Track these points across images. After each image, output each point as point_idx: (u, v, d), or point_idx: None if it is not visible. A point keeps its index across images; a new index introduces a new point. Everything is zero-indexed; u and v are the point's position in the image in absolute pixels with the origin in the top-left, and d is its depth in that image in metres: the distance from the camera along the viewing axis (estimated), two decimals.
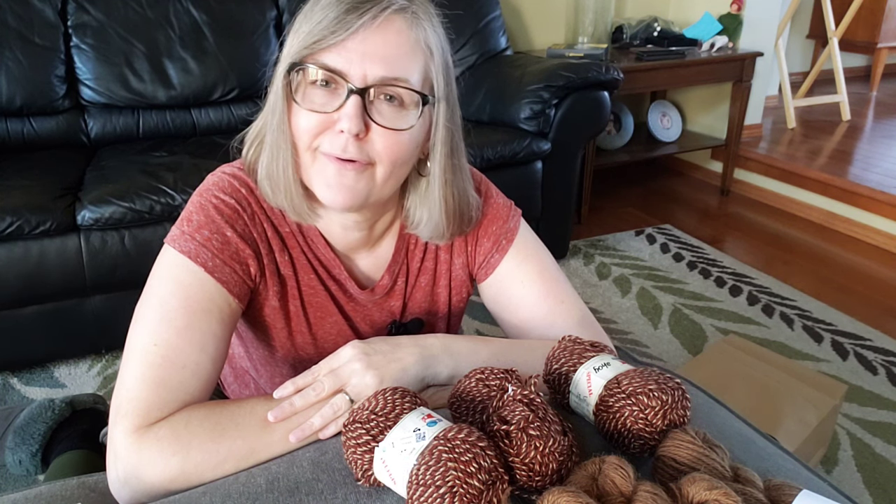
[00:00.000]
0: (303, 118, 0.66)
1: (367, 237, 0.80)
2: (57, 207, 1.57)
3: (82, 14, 2.01)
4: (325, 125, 0.66)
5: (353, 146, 0.66)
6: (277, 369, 0.86)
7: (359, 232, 0.78)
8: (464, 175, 0.78)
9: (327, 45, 0.63)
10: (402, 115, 0.67)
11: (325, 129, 0.66)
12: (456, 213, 0.77)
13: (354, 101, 0.64)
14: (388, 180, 0.70)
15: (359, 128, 0.64)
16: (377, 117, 0.66)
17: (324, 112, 0.65)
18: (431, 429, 0.52)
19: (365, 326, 0.85)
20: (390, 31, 0.64)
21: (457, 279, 0.87)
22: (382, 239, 0.82)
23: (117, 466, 0.61)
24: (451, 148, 0.74)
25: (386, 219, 0.80)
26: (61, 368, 1.76)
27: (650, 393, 0.57)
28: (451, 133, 0.73)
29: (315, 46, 0.64)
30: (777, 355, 1.49)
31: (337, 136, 0.65)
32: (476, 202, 0.82)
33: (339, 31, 0.63)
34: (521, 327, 0.83)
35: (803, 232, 2.70)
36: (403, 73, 0.65)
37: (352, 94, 0.64)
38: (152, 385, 0.63)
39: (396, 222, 0.82)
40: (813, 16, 4.34)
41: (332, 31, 0.63)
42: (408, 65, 0.66)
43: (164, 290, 0.68)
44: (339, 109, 0.65)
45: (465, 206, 0.79)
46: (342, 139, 0.65)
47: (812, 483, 0.60)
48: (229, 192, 0.73)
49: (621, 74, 2.16)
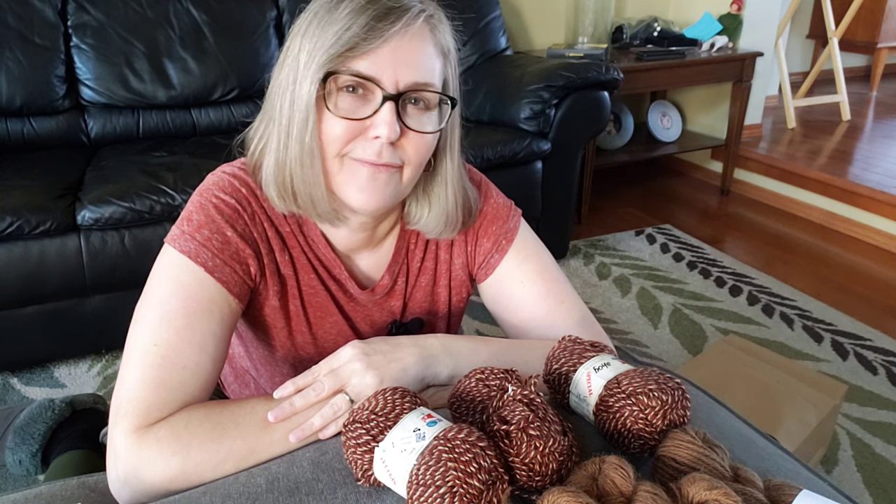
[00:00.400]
0: (336, 126, 0.66)
1: (370, 237, 0.80)
2: (57, 207, 1.57)
3: (82, 14, 2.01)
4: (357, 132, 0.66)
5: (388, 151, 0.67)
6: (277, 369, 0.86)
7: (364, 233, 0.78)
8: (461, 170, 0.80)
9: (360, 52, 0.64)
10: (428, 117, 0.69)
11: (357, 136, 0.67)
12: (466, 207, 0.80)
13: (389, 107, 0.65)
14: (412, 181, 0.72)
15: (396, 133, 0.65)
16: (409, 122, 0.67)
17: (357, 119, 0.66)
18: (431, 429, 0.52)
19: (365, 326, 0.85)
20: (417, 37, 0.66)
21: (457, 279, 0.87)
22: (384, 239, 0.82)
23: (117, 466, 0.61)
24: (458, 148, 0.76)
25: (390, 219, 0.80)
26: (61, 368, 1.76)
27: (650, 393, 0.57)
28: (459, 133, 0.76)
29: (348, 54, 0.64)
30: (777, 355, 1.49)
31: (371, 142, 0.66)
32: (474, 194, 0.84)
33: (371, 38, 0.63)
34: (521, 327, 0.83)
35: (803, 232, 2.70)
36: (430, 78, 0.67)
37: (386, 101, 0.65)
38: (152, 385, 0.63)
39: (398, 222, 0.82)
40: (813, 16, 4.34)
41: (364, 38, 0.63)
42: (433, 69, 0.68)
43: (165, 289, 0.68)
44: (373, 116, 0.65)
45: (470, 200, 0.81)
46: (377, 145, 0.66)
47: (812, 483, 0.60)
48: (230, 192, 0.73)
49: (621, 74, 2.16)
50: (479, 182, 0.86)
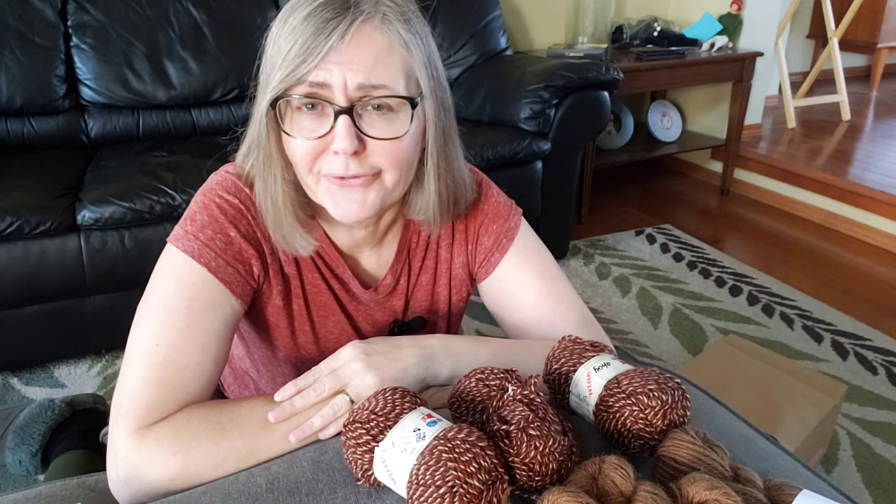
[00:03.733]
0: (297, 146, 0.66)
1: (372, 234, 0.79)
2: (57, 207, 1.57)
3: (82, 14, 2.01)
4: (321, 148, 0.65)
5: (354, 163, 0.65)
6: (279, 369, 0.86)
7: (364, 230, 0.78)
8: (457, 159, 0.77)
9: (306, 70, 0.62)
10: (394, 121, 0.66)
11: (322, 152, 0.66)
12: (450, 202, 0.77)
13: (343, 121, 0.63)
14: (398, 184, 0.69)
15: (353, 146, 0.63)
16: (370, 130, 0.65)
17: (316, 138, 0.64)
18: (431, 429, 0.52)
19: (367, 326, 0.85)
20: (362, 40, 0.62)
21: (456, 278, 0.87)
22: (386, 237, 0.82)
23: (117, 466, 0.61)
24: (444, 140, 0.73)
25: (390, 214, 0.79)
26: (61, 368, 1.76)
27: (650, 393, 0.57)
28: (442, 124, 0.72)
29: (291, 78, 0.62)
30: (777, 355, 1.49)
31: (335, 156, 0.65)
32: (470, 179, 0.81)
33: (310, 57, 0.61)
34: (520, 327, 0.83)
35: (803, 232, 2.70)
36: (383, 80, 0.63)
37: (339, 115, 0.63)
38: (153, 385, 0.63)
39: (400, 218, 0.82)
40: (813, 16, 4.34)
41: (304, 58, 0.61)
42: (386, 70, 0.64)
43: (167, 289, 0.68)
44: (331, 132, 0.64)
45: (461, 191, 0.79)
46: (341, 159, 0.65)
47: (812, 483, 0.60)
48: (233, 192, 0.73)
49: (621, 74, 2.16)
50: (479, 181, 0.86)
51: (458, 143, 0.77)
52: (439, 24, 2.44)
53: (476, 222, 0.84)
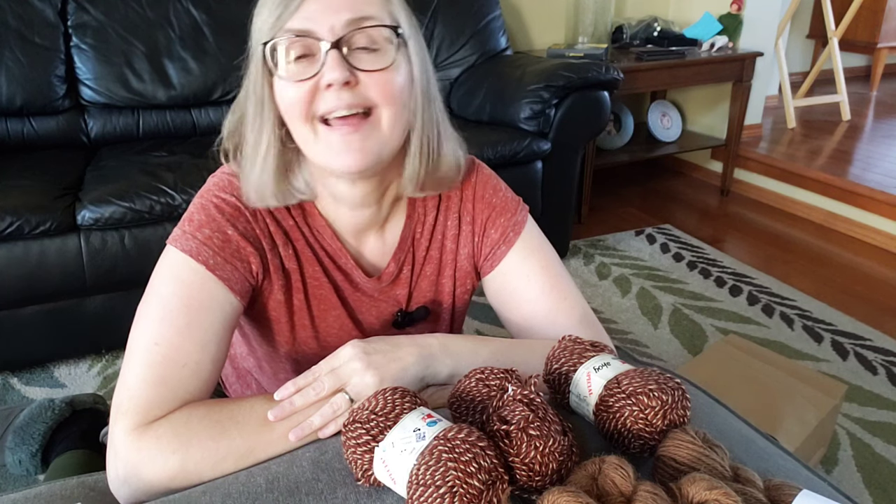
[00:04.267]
0: (290, 90, 0.66)
1: (375, 215, 0.79)
2: (57, 207, 1.57)
3: (82, 14, 2.01)
4: (313, 90, 0.66)
5: (348, 93, 0.65)
6: (281, 366, 0.87)
7: (367, 209, 0.77)
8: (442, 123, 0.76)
9: (289, 14, 0.64)
10: (381, 55, 0.67)
11: (315, 95, 0.66)
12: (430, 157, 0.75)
13: (333, 55, 0.64)
14: (395, 125, 0.69)
15: (344, 75, 0.64)
16: (360, 64, 0.66)
17: (308, 78, 0.65)
18: (431, 429, 0.52)
19: (369, 318, 0.85)
20: None
21: (461, 269, 0.87)
22: (389, 220, 0.82)
23: (117, 465, 0.61)
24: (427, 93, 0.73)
25: (392, 191, 0.79)
26: (61, 368, 1.76)
27: (650, 393, 0.56)
28: (425, 75, 0.72)
29: (279, 23, 0.65)
30: (777, 355, 1.49)
31: (328, 91, 0.65)
32: (456, 160, 0.79)
33: (292, 1, 0.64)
34: (522, 324, 0.83)
35: (803, 232, 2.70)
36: (368, 13, 0.66)
37: (329, 51, 0.64)
38: (153, 383, 0.63)
39: (403, 200, 0.82)
40: (813, 16, 4.34)
41: (286, 4, 0.64)
42: (370, 5, 0.66)
43: (166, 289, 0.68)
44: (322, 69, 0.65)
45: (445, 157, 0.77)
46: (333, 92, 0.65)
47: (812, 483, 0.60)
48: (230, 191, 0.73)
49: (621, 74, 2.16)
50: (488, 175, 0.86)
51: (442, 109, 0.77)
52: (439, 24, 2.44)
53: (484, 215, 0.84)
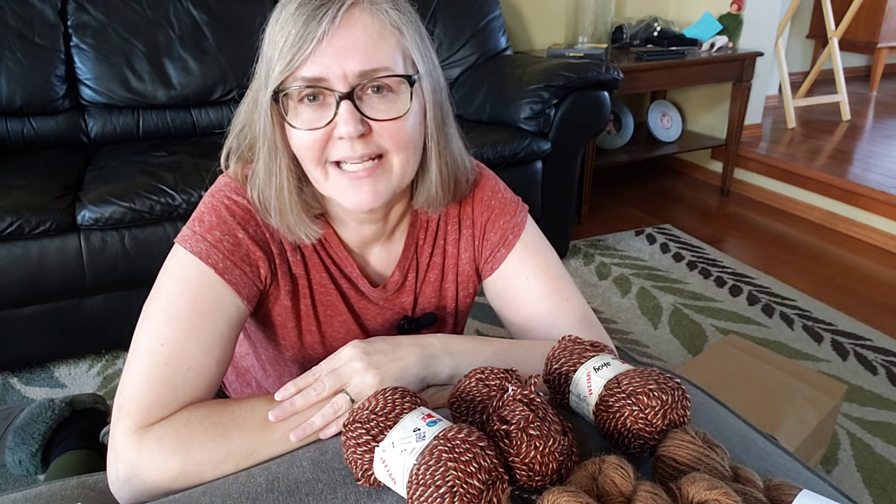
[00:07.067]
0: (303, 137, 0.66)
1: (381, 229, 0.79)
2: (57, 207, 1.57)
3: (82, 14, 2.01)
4: (326, 137, 0.66)
5: (360, 145, 0.66)
6: (286, 368, 0.86)
7: (373, 224, 0.78)
8: (455, 140, 0.77)
9: (300, 62, 0.63)
10: (395, 101, 0.66)
11: (327, 142, 0.66)
12: (450, 182, 0.77)
13: (345, 106, 0.64)
14: (406, 167, 0.70)
15: (357, 130, 0.64)
16: (372, 113, 0.65)
17: (319, 128, 0.65)
18: (431, 429, 0.52)
19: (375, 325, 0.85)
20: (354, 26, 0.64)
21: (463, 274, 0.87)
22: (395, 232, 0.82)
23: (118, 465, 0.61)
24: (442, 118, 0.74)
25: (399, 208, 0.79)
26: (61, 368, 1.76)
27: (650, 393, 0.56)
28: (439, 103, 0.73)
29: (289, 68, 0.64)
30: (777, 355, 1.49)
31: (340, 142, 0.66)
32: (470, 165, 0.81)
33: (304, 45, 0.62)
34: (523, 325, 0.83)
35: (803, 232, 2.70)
36: (381, 63, 0.65)
37: (341, 101, 0.64)
38: (156, 384, 0.63)
39: (408, 213, 0.82)
40: (813, 16, 4.34)
41: (299, 47, 0.63)
42: (383, 52, 0.65)
43: (173, 289, 0.68)
44: (334, 119, 0.65)
45: (461, 173, 0.79)
46: (346, 143, 0.66)
47: (812, 483, 0.60)
48: (241, 194, 0.73)
49: (621, 74, 2.16)
50: (487, 177, 0.86)
51: (454, 124, 0.78)
52: (439, 24, 2.44)
53: (483, 217, 0.84)
